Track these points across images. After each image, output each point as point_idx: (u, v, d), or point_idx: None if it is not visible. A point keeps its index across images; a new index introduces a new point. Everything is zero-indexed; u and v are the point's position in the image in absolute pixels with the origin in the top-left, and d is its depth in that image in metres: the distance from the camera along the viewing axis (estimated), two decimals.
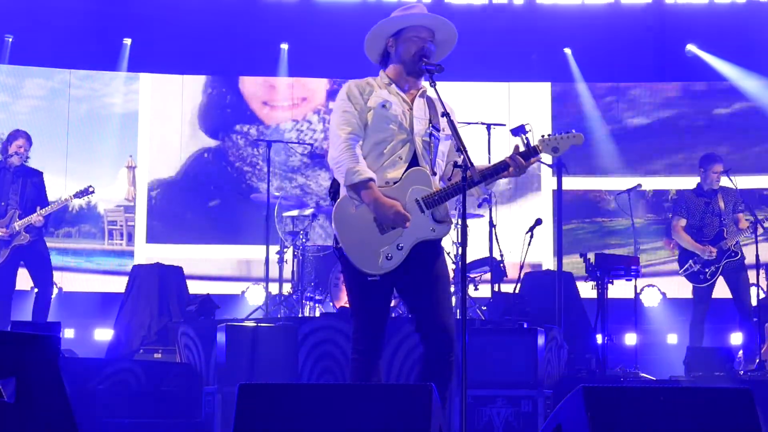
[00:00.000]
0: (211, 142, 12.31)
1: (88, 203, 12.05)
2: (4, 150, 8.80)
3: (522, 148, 4.53)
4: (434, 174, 4.53)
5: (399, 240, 4.39)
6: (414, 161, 4.51)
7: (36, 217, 8.56)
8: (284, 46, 12.51)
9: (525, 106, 12.28)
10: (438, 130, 4.58)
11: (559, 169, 8.54)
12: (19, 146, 8.71)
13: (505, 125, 9.08)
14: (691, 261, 8.72)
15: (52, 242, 10.82)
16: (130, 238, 12.26)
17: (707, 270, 8.65)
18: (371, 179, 4.39)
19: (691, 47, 12.49)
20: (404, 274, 4.45)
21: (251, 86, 12.43)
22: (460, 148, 4.25)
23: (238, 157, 12.30)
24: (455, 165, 4.31)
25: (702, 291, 8.73)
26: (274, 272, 9.81)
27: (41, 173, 9.01)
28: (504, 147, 9.67)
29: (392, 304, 4.75)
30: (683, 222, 8.84)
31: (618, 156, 12.12)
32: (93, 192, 9.03)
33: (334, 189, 4.62)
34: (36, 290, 8.87)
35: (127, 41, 12.27)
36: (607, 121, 12.26)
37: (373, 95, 4.55)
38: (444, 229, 4.50)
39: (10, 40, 12.01)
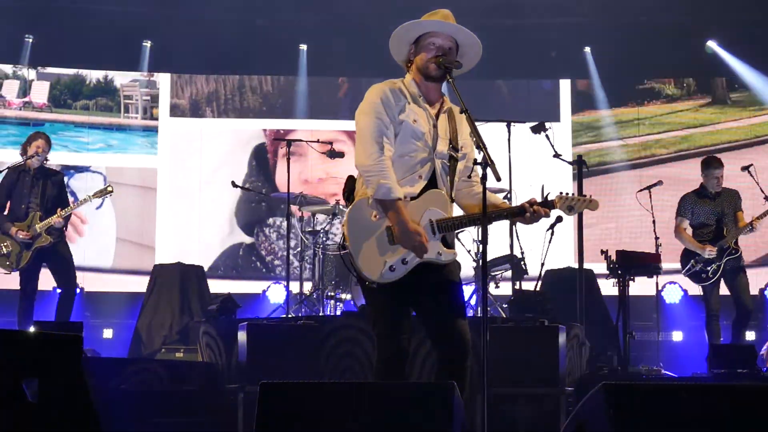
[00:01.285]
0: (246, 239, 12.55)
1: (105, 77, 12.49)
2: (23, 151, 8.76)
3: (539, 200, 4.55)
4: (452, 200, 4.56)
5: (406, 255, 4.40)
6: (432, 180, 4.52)
7: (56, 219, 8.54)
8: (303, 47, 12.57)
9: (544, 104, 12.33)
10: (457, 151, 4.58)
11: (580, 165, 8.51)
12: (38, 147, 8.66)
13: (524, 122, 9.05)
14: (693, 261, 8.73)
15: (69, 114, 11.03)
16: (146, 112, 12.61)
17: (709, 269, 8.65)
18: (400, 199, 4.39)
19: (711, 44, 12.42)
20: (416, 283, 4.44)
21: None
22: (480, 145, 4.24)
23: (270, 251, 12.50)
24: (475, 162, 4.29)
25: (708, 289, 8.74)
26: (295, 271, 9.81)
27: (62, 173, 9.02)
28: (524, 144, 9.65)
29: None
30: (686, 223, 8.88)
31: None
32: (112, 191, 9.02)
33: (348, 188, 4.60)
34: (59, 291, 8.89)
35: (147, 43, 12.37)
36: None
37: (406, 108, 4.51)
38: (450, 256, 4.50)
39: (30, 40, 12.08)
